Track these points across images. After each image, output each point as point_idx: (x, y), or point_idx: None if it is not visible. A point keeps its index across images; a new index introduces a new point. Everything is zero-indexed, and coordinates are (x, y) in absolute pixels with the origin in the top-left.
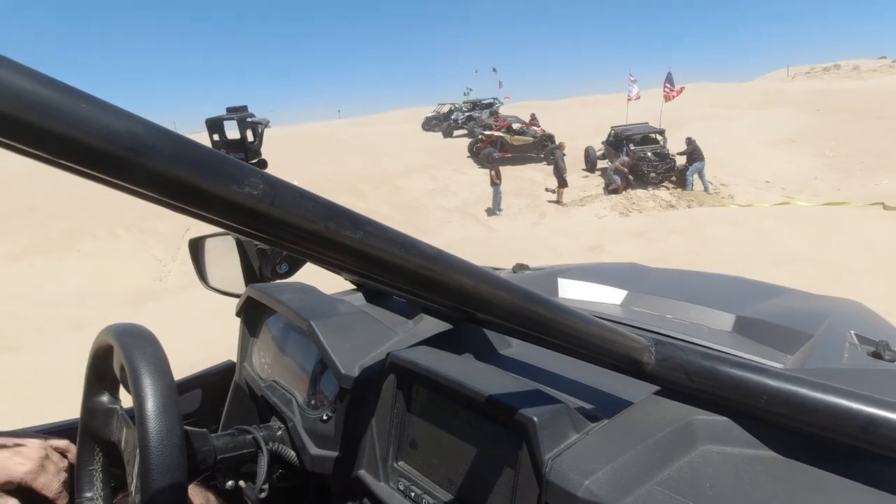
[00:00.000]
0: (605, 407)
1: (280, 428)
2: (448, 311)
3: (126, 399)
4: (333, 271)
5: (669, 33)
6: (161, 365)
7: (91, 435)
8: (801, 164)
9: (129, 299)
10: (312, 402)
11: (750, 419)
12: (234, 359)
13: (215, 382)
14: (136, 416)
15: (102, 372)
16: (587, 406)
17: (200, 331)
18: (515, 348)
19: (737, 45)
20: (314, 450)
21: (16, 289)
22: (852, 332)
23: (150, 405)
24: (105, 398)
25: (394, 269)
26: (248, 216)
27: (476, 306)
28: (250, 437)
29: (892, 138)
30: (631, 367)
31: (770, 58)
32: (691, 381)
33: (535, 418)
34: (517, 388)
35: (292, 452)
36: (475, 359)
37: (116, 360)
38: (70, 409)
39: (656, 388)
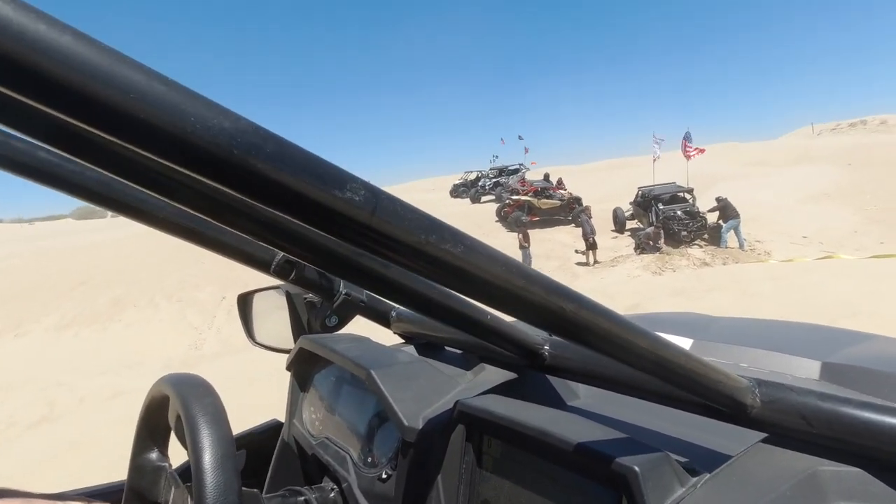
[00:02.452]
0: (703, 459)
1: (333, 489)
2: (513, 358)
3: (174, 457)
4: (384, 324)
5: (693, 95)
6: (220, 415)
7: (137, 495)
8: (838, 219)
9: (167, 367)
10: (369, 459)
11: (890, 470)
12: (274, 417)
13: (260, 442)
14: (192, 468)
15: (155, 425)
16: (682, 459)
17: (232, 400)
18: (584, 399)
19: (759, 103)
20: None
21: (63, 359)
22: None
23: (208, 457)
24: (154, 455)
25: (491, 288)
26: (348, 223)
27: (573, 332)
28: (302, 499)
29: None
30: (733, 410)
31: (793, 115)
32: (810, 426)
33: (637, 468)
34: (607, 435)
35: None
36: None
37: (172, 410)
38: (102, 477)
39: (758, 437)
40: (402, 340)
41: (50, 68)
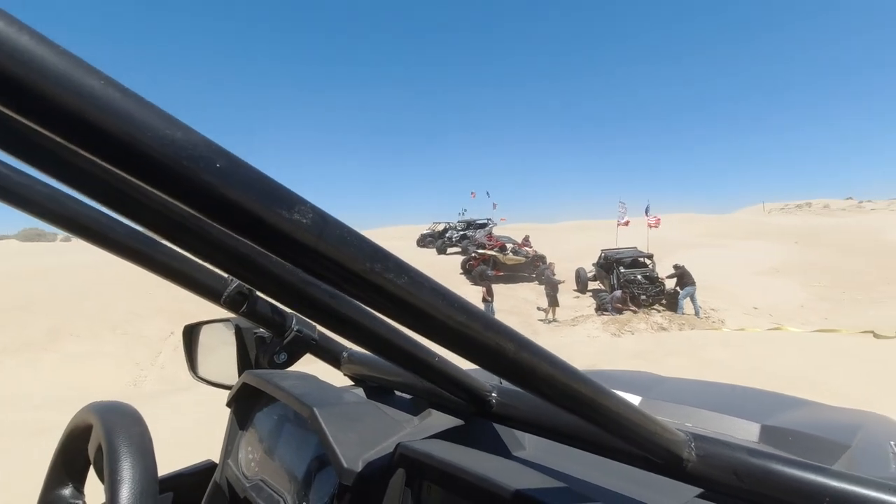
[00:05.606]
0: None
1: None
2: (461, 405)
3: (90, 496)
4: (334, 365)
5: (655, 166)
6: (145, 447)
7: None
8: (787, 293)
9: None
10: None
11: None
12: (210, 458)
13: (191, 485)
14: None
15: (72, 457)
16: None
17: (160, 442)
18: (529, 450)
19: (716, 180)
20: None
21: None
22: (892, 443)
23: (126, 492)
24: (67, 491)
25: (432, 321)
26: (294, 245)
27: (512, 373)
28: None
29: (873, 272)
30: (669, 462)
31: (746, 194)
32: (741, 482)
33: None
34: (545, 484)
35: None
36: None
37: (94, 440)
38: None
39: (693, 493)
40: (352, 383)
41: (8, 67)
